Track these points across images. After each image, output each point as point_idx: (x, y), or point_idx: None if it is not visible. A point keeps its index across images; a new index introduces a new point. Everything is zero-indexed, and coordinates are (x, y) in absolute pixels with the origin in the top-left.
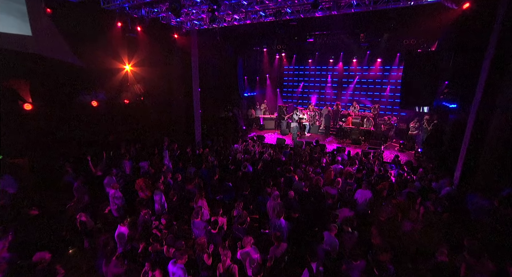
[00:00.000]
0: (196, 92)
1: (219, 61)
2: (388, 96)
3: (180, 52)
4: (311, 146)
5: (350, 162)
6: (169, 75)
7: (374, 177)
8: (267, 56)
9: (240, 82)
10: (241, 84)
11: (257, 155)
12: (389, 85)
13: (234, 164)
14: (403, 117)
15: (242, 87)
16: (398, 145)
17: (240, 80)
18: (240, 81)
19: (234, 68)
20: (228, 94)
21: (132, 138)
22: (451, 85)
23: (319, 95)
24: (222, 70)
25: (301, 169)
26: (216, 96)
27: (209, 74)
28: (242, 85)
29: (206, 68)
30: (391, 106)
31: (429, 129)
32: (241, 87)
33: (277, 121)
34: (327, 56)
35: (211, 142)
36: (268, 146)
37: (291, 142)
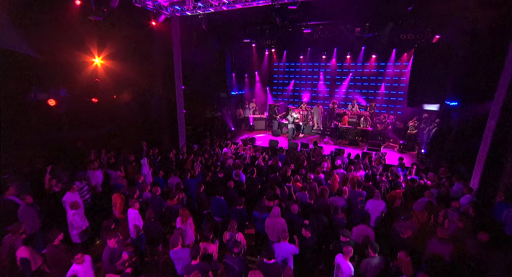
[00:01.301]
0: (179, 90)
1: (205, 55)
2: (383, 94)
3: (160, 43)
4: (308, 148)
5: (354, 166)
6: (148, 70)
7: (384, 184)
8: (256, 52)
9: (228, 79)
10: (229, 81)
11: (248, 159)
12: (384, 82)
13: (223, 172)
14: (400, 116)
15: (231, 85)
16: (397, 145)
17: (229, 76)
18: (228, 78)
19: (221, 63)
20: (216, 92)
21: (104, 143)
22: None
23: (311, 93)
24: (208, 65)
25: (301, 175)
26: (202, 95)
27: (193, 69)
28: (230, 82)
29: (190, 62)
30: (386, 105)
31: (430, 128)
32: (230, 84)
33: (267, 122)
34: (319, 52)
35: (197, 145)
36: (260, 149)
37: (285, 143)
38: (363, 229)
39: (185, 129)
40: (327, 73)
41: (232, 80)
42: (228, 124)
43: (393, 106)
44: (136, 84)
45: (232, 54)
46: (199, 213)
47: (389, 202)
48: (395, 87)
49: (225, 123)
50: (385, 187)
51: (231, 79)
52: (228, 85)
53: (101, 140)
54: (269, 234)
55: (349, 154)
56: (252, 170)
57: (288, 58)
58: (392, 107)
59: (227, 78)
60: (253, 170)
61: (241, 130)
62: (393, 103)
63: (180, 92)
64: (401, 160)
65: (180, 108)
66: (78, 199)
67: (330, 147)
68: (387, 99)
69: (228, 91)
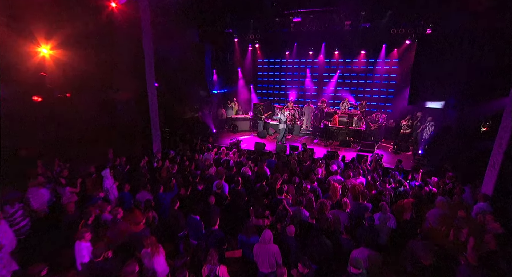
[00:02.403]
0: (152, 87)
1: (182, 48)
2: (373, 92)
3: (125, 31)
4: (298, 151)
5: (352, 172)
6: (111, 63)
7: (388, 193)
8: (239, 47)
9: (208, 76)
10: (209, 78)
11: (234, 167)
12: (374, 79)
13: (204, 182)
14: (390, 114)
15: (211, 82)
16: (391, 146)
17: (208, 73)
18: (208, 74)
19: (200, 58)
20: (195, 90)
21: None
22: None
23: (298, 91)
24: (185, 59)
25: (294, 185)
26: (180, 93)
27: (169, 64)
28: (210, 80)
29: (165, 56)
30: (376, 103)
31: (423, 127)
32: (210, 81)
33: (252, 122)
34: (306, 48)
35: (174, 151)
36: (246, 153)
37: (272, 146)
38: (366, 252)
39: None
40: (314, 70)
41: (212, 78)
42: (209, 125)
43: (382, 105)
44: (97, 79)
45: (213, 49)
46: (173, 235)
47: (396, 214)
48: (385, 85)
49: (206, 124)
50: (389, 195)
51: (211, 76)
52: (208, 83)
53: (51, 148)
54: (259, 264)
55: (343, 157)
56: (237, 180)
57: (273, 54)
58: (382, 105)
59: (207, 74)
60: (238, 180)
61: (223, 132)
62: (383, 101)
63: (153, 90)
64: (400, 163)
65: (153, 109)
66: (4, 230)
67: (321, 149)
68: (377, 97)
69: (208, 89)
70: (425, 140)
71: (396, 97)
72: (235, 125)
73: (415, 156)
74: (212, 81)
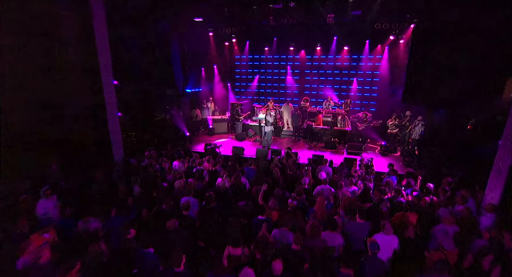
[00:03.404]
0: (109, 85)
1: (147, 40)
2: (357, 90)
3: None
4: (281, 155)
5: (343, 180)
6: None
7: (384, 204)
8: (214, 43)
9: (176, 72)
10: (178, 75)
11: (206, 177)
12: (358, 77)
13: (172, 200)
14: (374, 113)
15: (180, 80)
16: (378, 147)
17: (177, 69)
18: (176, 71)
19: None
20: (162, 88)
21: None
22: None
23: (279, 89)
24: (151, 54)
25: (278, 199)
26: (144, 92)
27: (131, 58)
28: (179, 77)
29: (126, 49)
30: (360, 101)
31: (412, 126)
32: (179, 79)
33: (230, 123)
34: (287, 43)
35: (135, 160)
36: (221, 161)
37: (253, 150)
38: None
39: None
40: (295, 67)
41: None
42: (181, 128)
43: (366, 103)
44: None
45: (183, 42)
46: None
47: (396, 231)
48: (369, 82)
49: (177, 127)
50: (386, 207)
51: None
52: (177, 80)
53: None
54: None
55: (330, 161)
56: (209, 196)
57: (251, 50)
58: (366, 104)
59: (175, 71)
60: (211, 196)
61: (199, 135)
62: (366, 99)
63: (111, 89)
64: (392, 167)
65: (111, 111)
66: None
67: (305, 152)
68: (361, 95)
69: (178, 87)
70: (415, 140)
71: (381, 95)
72: (211, 128)
73: (404, 158)
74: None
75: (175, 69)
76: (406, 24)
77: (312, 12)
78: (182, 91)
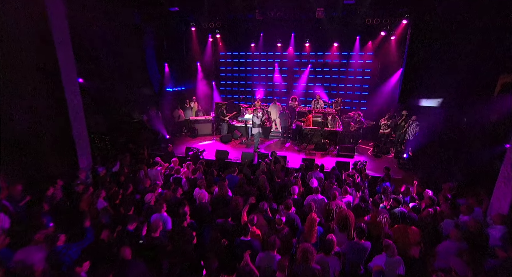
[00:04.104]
0: (72, 84)
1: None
2: (347, 88)
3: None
4: (266, 160)
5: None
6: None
7: (383, 216)
8: (197, 38)
9: (151, 70)
10: (153, 74)
11: (185, 186)
12: (348, 75)
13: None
14: (365, 112)
15: (157, 78)
16: (369, 148)
17: (152, 66)
18: (151, 67)
19: (139, 46)
20: (136, 87)
21: None
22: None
23: (266, 88)
24: (121, 49)
25: (263, 213)
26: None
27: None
28: (155, 75)
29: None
30: (350, 100)
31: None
32: (155, 77)
33: (215, 125)
34: (274, 39)
35: (103, 168)
36: (201, 167)
37: (238, 153)
38: None
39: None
40: (283, 64)
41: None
42: (160, 131)
43: (357, 102)
44: None
45: (163, 38)
46: None
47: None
48: (360, 80)
49: (155, 129)
50: (385, 219)
51: (156, 70)
52: (152, 78)
53: None
54: None
55: (321, 166)
56: (183, 213)
57: (236, 46)
58: (356, 102)
59: (149, 68)
60: (185, 212)
61: (181, 137)
62: (357, 98)
63: (75, 88)
64: (388, 171)
65: (75, 112)
66: None
67: (294, 155)
68: (351, 93)
69: (153, 86)
70: (409, 141)
71: (372, 94)
72: (194, 129)
73: (399, 160)
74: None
75: (150, 67)
76: (398, 20)
77: (300, 5)
78: (159, 90)
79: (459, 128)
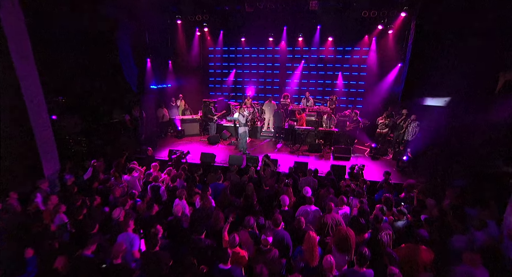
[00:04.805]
0: (30, 78)
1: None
2: (343, 85)
3: None
4: (257, 164)
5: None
6: None
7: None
8: (183, 32)
9: (126, 66)
10: (129, 69)
11: (164, 195)
12: (343, 71)
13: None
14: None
15: (134, 75)
16: (366, 148)
17: (127, 62)
18: (126, 64)
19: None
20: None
21: None
22: None
23: (257, 85)
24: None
25: (249, 230)
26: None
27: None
28: (132, 71)
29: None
30: (346, 98)
31: (404, 126)
32: (131, 74)
33: (202, 124)
34: (265, 33)
35: (71, 176)
36: (183, 174)
37: (226, 155)
38: None
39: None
40: (275, 60)
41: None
42: (142, 131)
43: (352, 99)
44: None
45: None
46: None
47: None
48: (356, 77)
49: (138, 131)
50: (388, 237)
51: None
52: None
53: None
54: None
55: (315, 171)
56: (153, 234)
57: (226, 40)
58: (352, 100)
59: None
60: (156, 231)
61: (166, 138)
62: (353, 95)
63: (34, 87)
64: (388, 175)
65: (38, 113)
66: None
67: (286, 157)
68: (347, 90)
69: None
70: (409, 142)
71: (368, 91)
72: (180, 129)
73: (398, 163)
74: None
75: (124, 62)
76: (396, 12)
77: None
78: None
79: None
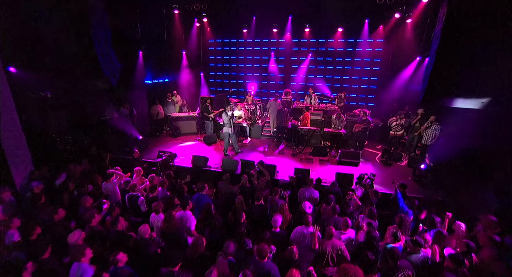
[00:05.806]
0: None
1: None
2: (353, 81)
3: None
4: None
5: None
6: None
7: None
8: (181, 23)
9: (104, 58)
10: (108, 63)
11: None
12: (354, 65)
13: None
14: (373, 109)
15: (115, 68)
16: (378, 152)
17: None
18: (104, 56)
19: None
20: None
21: None
22: None
23: (260, 80)
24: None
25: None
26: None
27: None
28: (113, 65)
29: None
30: (356, 95)
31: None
32: (112, 68)
33: (200, 122)
34: (269, 24)
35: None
36: (167, 182)
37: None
38: None
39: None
40: (279, 53)
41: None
42: (129, 131)
43: (363, 97)
44: None
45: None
46: None
47: None
48: (368, 72)
49: (127, 130)
50: None
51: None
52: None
53: None
54: None
55: (318, 180)
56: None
57: (226, 32)
58: (363, 97)
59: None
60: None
61: (161, 136)
62: (364, 93)
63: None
64: (404, 188)
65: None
66: None
67: (287, 161)
68: (357, 87)
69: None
70: (429, 148)
71: (381, 88)
72: (176, 127)
73: (415, 171)
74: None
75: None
76: None
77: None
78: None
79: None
